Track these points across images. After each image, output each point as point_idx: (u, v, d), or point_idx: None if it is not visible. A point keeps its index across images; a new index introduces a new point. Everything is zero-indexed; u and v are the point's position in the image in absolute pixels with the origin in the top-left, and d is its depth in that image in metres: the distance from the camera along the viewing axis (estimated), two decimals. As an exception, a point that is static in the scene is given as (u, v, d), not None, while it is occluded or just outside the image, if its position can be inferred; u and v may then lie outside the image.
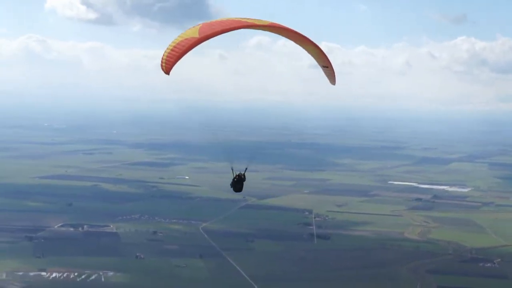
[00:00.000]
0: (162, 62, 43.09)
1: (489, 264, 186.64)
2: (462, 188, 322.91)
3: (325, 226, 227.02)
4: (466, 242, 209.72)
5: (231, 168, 51.51)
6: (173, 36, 43.73)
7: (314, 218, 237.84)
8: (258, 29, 43.74)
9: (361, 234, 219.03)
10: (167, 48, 42.79)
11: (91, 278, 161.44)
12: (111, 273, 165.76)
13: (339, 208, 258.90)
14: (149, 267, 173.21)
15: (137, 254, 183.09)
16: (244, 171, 52.14)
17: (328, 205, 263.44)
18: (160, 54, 43.95)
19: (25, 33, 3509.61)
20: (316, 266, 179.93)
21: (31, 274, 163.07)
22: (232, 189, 52.44)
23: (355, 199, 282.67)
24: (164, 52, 42.93)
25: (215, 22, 42.79)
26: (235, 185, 51.91)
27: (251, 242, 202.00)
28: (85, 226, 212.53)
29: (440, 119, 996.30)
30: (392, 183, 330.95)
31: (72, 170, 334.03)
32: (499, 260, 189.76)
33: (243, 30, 43.96)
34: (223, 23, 42.58)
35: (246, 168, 52.52)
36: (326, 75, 47.72)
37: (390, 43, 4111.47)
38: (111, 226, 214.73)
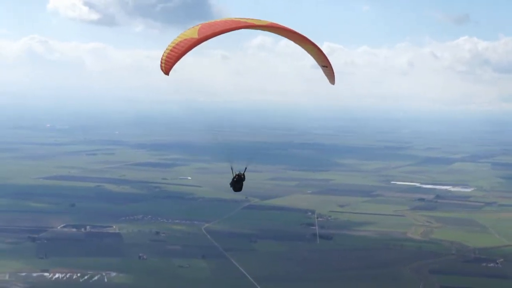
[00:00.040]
0: (161, 62, 43.12)
1: (492, 264, 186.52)
2: (465, 188, 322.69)
3: (328, 226, 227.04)
4: (469, 242, 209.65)
5: (231, 167, 51.62)
6: (175, 37, 43.74)
7: (317, 218, 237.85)
8: (257, 29, 43.74)
9: (364, 234, 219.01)
10: (166, 49, 42.80)
11: (94, 279, 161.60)
12: (114, 273, 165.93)
13: (342, 208, 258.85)
14: (151, 267, 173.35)
15: (140, 255, 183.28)
16: (244, 170, 52.23)
17: (331, 205, 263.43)
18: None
19: (27, 34, 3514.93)
20: (319, 267, 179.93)
21: (34, 274, 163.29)
22: (231, 188, 52.58)
23: (358, 199, 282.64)
24: (164, 52, 42.94)
25: (215, 23, 42.76)
26: (235, 184, 52.08)
27: (254, 243, 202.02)
28: (88, 227, 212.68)
29: (442, 119, 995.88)
30: (395, 183, 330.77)
31: (75, 170, 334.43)
32: (502, 260, 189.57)
33: (245, 31, 43.99)
34: (223, 23, 42.56)
35: (246, 168, 52.60)
36: (326, 75, 47.85)
37: (392, 43, 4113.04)
38: (114, 227, 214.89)
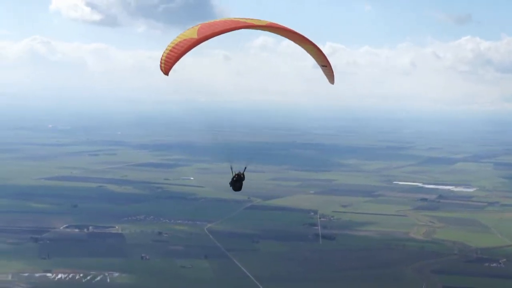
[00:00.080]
0: (161, 62, 43.13)
1: (494, 264, 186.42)
2: (467, 188, 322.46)
3: (330, 226, 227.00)
4: (471, 242, 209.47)
5: (230, 167, 51.70)
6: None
7: (319, 218, 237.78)
8: (257, 29, 43.74)
9: (366, 234, 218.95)
10: (166, 49, 42.81)
11: (96, 279, 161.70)
12: (116, 274, 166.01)
13: (344, 209, 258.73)
14: (154, 268, 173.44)
15: (142, 255, 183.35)
16: (244, 170, 52.28)
17: (333, 205, 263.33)
18: (164, 55, 43.93)
19: (29, 34, 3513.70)
20: (321, 267, 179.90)
21: (37, 275, 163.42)
22: (231, 188, 52.70)
23: (360, 199, 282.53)
24: (163, 52, 42.95)
25: (214, 23, 42.75)
26: (235, 184, 52.21)
27: (256, 243, 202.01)
28: (90, 227, 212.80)
29: (445, 119, 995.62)
30: (397, 183, 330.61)
31: (77, 171, 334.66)
32: (504, 260, 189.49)
33: (246, 31, 44.00)
34: (222, 23, 42.55)
35: (246, 167, 52.65)
36: (325, 74, 47.92)
37: (394, 43, 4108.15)
38: (116, 227, 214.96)
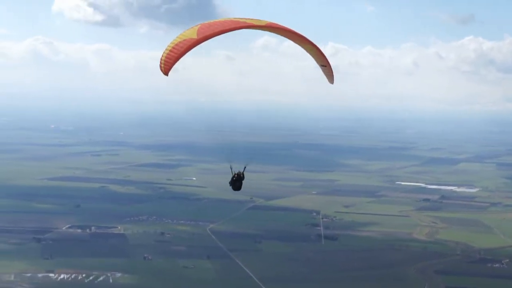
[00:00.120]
0: (161, 63, 43.13)
1: (497, 265, 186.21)
2: (470, 188, 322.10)
3: (332, 227, 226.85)
4: (474, 242, 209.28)
5: (230, 166, 51.67)
6: (177, 38, 43.68)
7: (322, 219, 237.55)
8: (256, 29, 43.70)
9: (368, 234, 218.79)
10: (165, 49, 42.79)
11: (99, 280, 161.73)
12: (119, 274, 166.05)
13: (346, 209, 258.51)
14: (156, 268, 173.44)
15: (144, 255, 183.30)
16: (243, 170, 52.26)
17: (336, 206, 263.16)
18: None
19: (32, 35, 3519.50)
20: (323, 267, 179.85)
21: (39, 275, 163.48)
22: (231, 187, 52.72)
23: (362, 199, 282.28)
24: (163, 53, 42.93)
25: (214, 23, 42.72)
26: (234, 183, 52.23)
27: (259, 243, 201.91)
28: (92, 228, 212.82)
29: (447, 119, 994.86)
30: (400, 184, 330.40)
31: (79, 171, 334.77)
32: (507, 260, 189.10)
33: (249, 31, 43.96)
34: (222, 23, 42.51)
35: (245, 167, 52.62)
36: (325, 74, 47.95)
37: (397, 44, 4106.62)
38: (119, 228, 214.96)
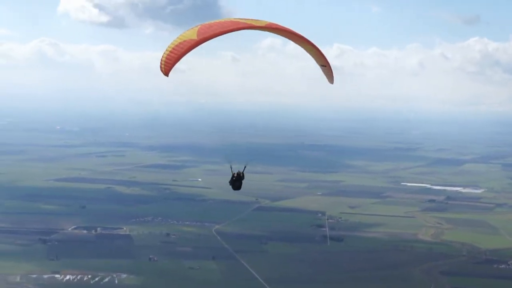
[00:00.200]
0: (161, 63, 43.24)
1: (503, 266, 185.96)
2: (476, 189, 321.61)
3: (338, 228, 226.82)
4: (479, 243, 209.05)
5: (230, 166, 51.77)
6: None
7: (327, 220, 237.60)
8: (256, 29, 43.77)
9: (374, 235, 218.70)
10: (166, 50, 42.91)
11: (104, 281, 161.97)
12: (124, 275, 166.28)
13: (352, 210, 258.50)
14: (162, 269, 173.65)
15: (150, 256, 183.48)
16: (243, 169, 52.34)
17: (341, 206, 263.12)
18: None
19: (37, 36, 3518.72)
20: (329, 268, 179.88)
21: (45, 276, 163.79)
22: (231, 187, 52.84)
23: (368, 200, 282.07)
24: (163, 53, 43.05)
25: (214, 24, 42.79)
26: (234, 183, 52.30)
27: (264, 244, 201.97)
28: (98, 229, 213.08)
29: (453, 120, 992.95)
30: (405, 185, 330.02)
31: (85, 172, 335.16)
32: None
33: (254, 32, 44.02)
34: (221, 24, 42.57)
35: (245, 167, 52.71)
36: (325, 74, 48.03)
37: (402, 45, 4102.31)
38: (124, 229, 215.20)
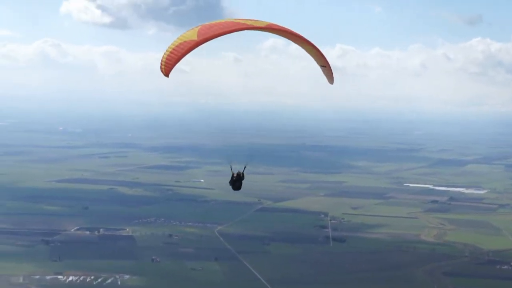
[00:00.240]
0: (161, 64, 43.23)
1: (506, 267, 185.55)
2: (479, 190, 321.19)
3: (340, 228, 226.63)
4: (482, 244, 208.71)
5: (230, 166, 51.73)
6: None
7: (330, 220, 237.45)
8: (256, 30, 43.78)
9: (377, 236, 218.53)
10: (166, 50, 42.90)
11: (107, 282, 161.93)
12: (127, 276, 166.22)
13: (354, 211, 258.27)
14: (164, 270, 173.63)
15: (153, 257, 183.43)
16: (243, 170, 52.30)
17: (344, 207, 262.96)
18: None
19: (40, 37, 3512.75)
20: (331, 269, 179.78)
21: (48, 277, 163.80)
22: (231, 187, 52.82)
23: (370, 201, 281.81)
24: (164, 54, 43.04)
25: (214, 24, 42.79)
26: (234, 183, 52.27)
27: (267, 245, 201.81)
28: (101, 230, 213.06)
29: (455, 120, 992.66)
30: (408, 185, 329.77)
31: (87, 173, 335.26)
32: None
33: (256, 33, 44.05)
34: (222, 25, 42.57)
35: (245, 167, 52.66)
36: (325, 75, 48.05)
37: (405, 45, 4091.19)
38: (127, 230, 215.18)
